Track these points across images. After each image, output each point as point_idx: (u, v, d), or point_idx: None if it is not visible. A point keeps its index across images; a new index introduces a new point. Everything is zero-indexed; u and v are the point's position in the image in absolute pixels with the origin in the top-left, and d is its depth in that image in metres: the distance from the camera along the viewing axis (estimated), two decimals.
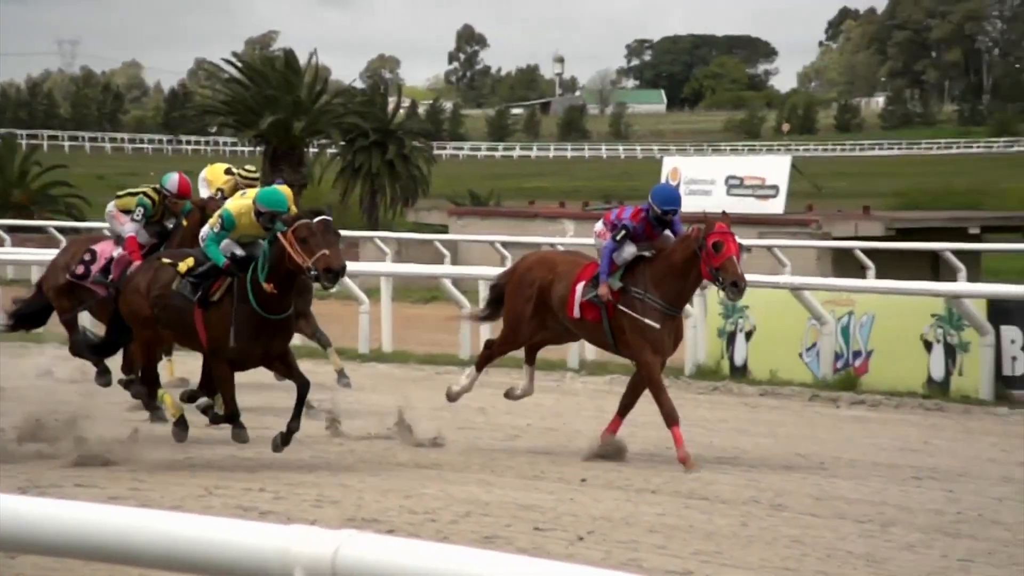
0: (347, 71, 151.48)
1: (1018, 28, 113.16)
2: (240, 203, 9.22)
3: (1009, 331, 12.25)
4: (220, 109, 36.32)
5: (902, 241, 22.90)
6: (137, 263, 10.28)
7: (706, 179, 29.93)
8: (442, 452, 8.84)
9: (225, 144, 70.95)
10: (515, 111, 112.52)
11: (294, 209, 9.20)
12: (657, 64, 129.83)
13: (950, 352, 12.64)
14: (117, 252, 10.81)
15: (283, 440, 8.98)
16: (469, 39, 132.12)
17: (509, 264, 24.14)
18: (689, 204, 31.62)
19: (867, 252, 20.68)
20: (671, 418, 9.23)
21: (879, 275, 19.00)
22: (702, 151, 70.18)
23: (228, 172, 11.86)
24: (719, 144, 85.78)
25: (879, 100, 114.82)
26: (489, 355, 10.17)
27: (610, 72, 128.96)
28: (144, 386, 9.63)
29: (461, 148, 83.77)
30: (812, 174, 36.39)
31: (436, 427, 9.93)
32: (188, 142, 74.99)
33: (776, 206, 28.03)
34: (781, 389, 12.88)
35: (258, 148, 35.22)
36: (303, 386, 8.98)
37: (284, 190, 11.43)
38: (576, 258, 10.12)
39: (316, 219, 8.67)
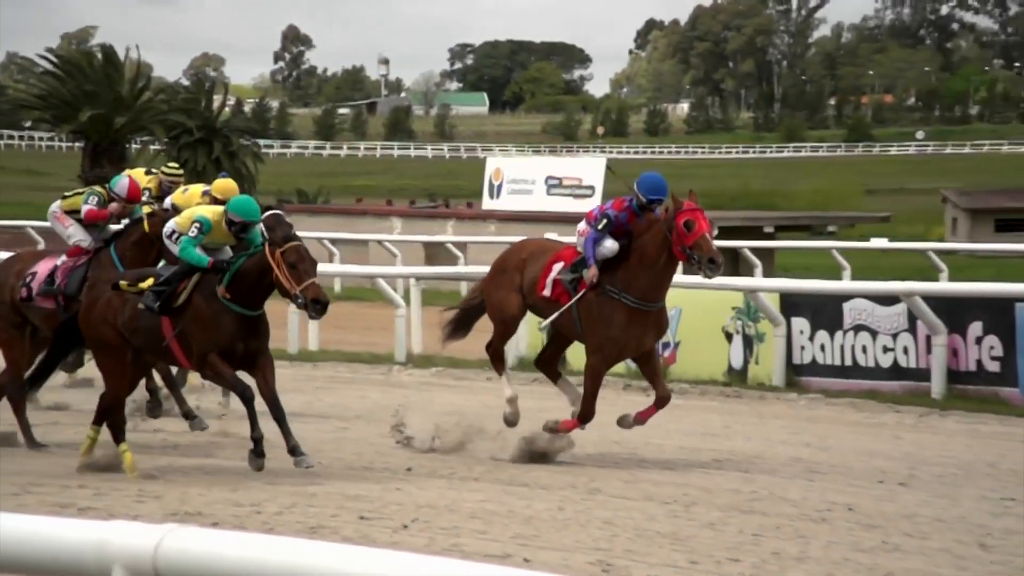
0: (170, 69, 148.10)
1: (802, 42, 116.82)
2: (215, 209, 8.77)
3: (799, 322, 12.58)
4: (35, 104, 35.12)
5: None
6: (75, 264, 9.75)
7: (527, 179, 30.05)
8: (268, 446, 8.66)
9: (42, 139, 68.66)
10: (342, 111, 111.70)
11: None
12: (479, 68, 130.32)
13: (748, 343, 12.92)
14: (60, 259, 10.05)
15: (297, 455, 8.22)
16: (294, 39, 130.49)
17: (337, 259, 24.02)
18: (511, 203, 31.99)
19: None
20: (583, 417, 8.90)
21: (685, 271, 19.34)
22: (523, 152, 70.65)
23: (149, 172, 11.26)
24: (538, 146, 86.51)
25: (684, 106, 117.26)
26: (495, 353, 9.44)
27: (434, 74, 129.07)
28: (110, 424, 8.60)
29: (288, 146, 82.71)
30: (625, 175, 36.84)
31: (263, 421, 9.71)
32: (2, 136, 72.22)
33: (593, 205, 28.24)
34: None
35: (77, 144, 34.18)
36: (277, 409, 8.25)
37: (230, 183, 10.73)
38: (554, 244, 9.55)
39: (294, 244, 8.23)
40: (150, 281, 8.51)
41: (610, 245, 8.85)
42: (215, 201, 10.67)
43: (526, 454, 8.91)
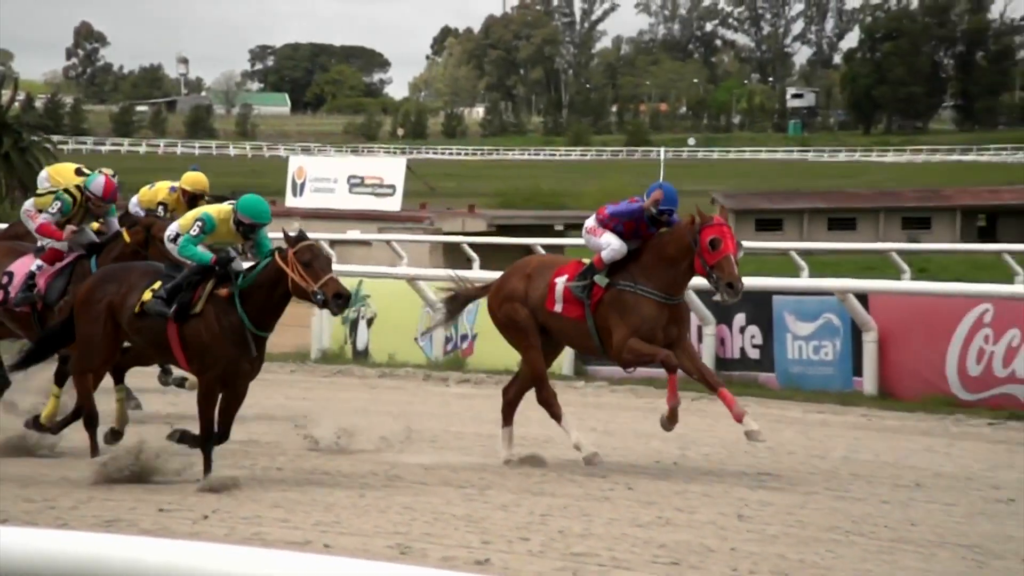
0: None
1: (586, 53, 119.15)
2: (220, 208, 8.11)
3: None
4: None
5: (501, 236, 23.55)
6: (60, 265, 9.05)
7: (330, 178, 29.74)
8: (64, 440, 8.31)
9: None
10: (140, 108, 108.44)
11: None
12: (280, 69, 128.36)
13: None
14: (36, 265, 9.30)
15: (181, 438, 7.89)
16: (87, 36, 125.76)
17: None
18: (314, 201, 31.50)
19: (473, 246, 21.15)
20: (668, 365, 8.10)
21: (483, 267, 19.45)
22: (325, 152, 69.86)
23: (79, 173, 10.23)
24: (340, 145, 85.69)
25: (479, 110, 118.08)
26: (549, 397, 8.54)
27: (235, 74, 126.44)
28: (87, 419, 8.15)
29: (84, 143, 79.71)
30: (424, 175, 36.85)
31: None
32: None
33: (393, 204, 28.19)
34: (398, 370, 12.96)
35: None
36: (222, 437, 7.85)
37: (200, 176, 10.13)
38: (556, 259, 8.84)
39: (307, 243, 7.66)
40: (156, 285, 7.87)
41: (617, 246, 8.25)
42: (185, 194, 10.22)
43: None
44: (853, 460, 8.68)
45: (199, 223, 7.91)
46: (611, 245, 8.26)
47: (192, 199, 10.14)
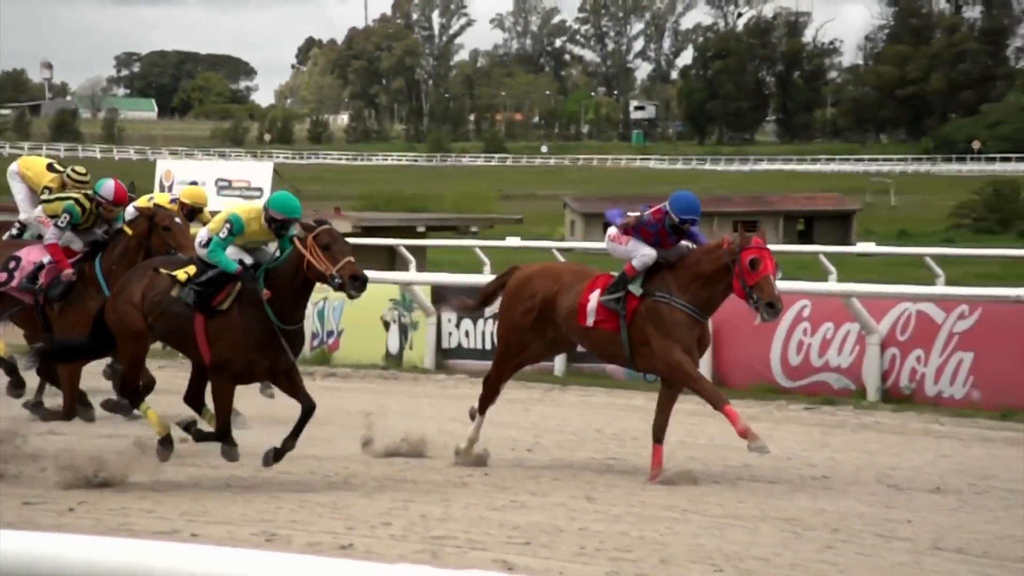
0: None
1: (445, 64, 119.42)
2: (249, 207, 7.67)
3: (447, 312, 12.81)
4: None
5: (366, 237, 23.38)
6: (68, 270, 8.47)
7: (197, 181, 29.07)
8: None
9: None
10: (3, 112, 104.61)
11: None
12: (146, 75, 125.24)
13: (403, 330, 13.04)
14: (47, 258, 8.73)
15: (275, 456, 7.46)
16: None
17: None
18: None
19: None
20: (717, 401, 7.65)
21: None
22: (193, 156, 68.39)
23: (51, 168, 9.63)
24: (208, 149, 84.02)
25: (344, 117, 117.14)
26: (490, 395, 8.24)
27: (101, 80, 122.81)
28: (126, 398, 7.82)
29: None
30: (292, 178, 36.39)
31: None
32: None
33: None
34: None
35: None
36: (308, 409, 7.42)
37: (199, 189, 9.51)
38: (582, 268, 8.26)
39: (326, 227, 7.25)
40: (191, 269, 7.45)
41: (648, 252, 7.73)
42: (183, 207, 9.68)
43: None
44: (690, 444, 8.83)
45: (227, 225, 7.47)
46: (641, 252, 7.74)
47: (191, 212, 9.74)
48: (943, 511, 7.07)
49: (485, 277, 16.25)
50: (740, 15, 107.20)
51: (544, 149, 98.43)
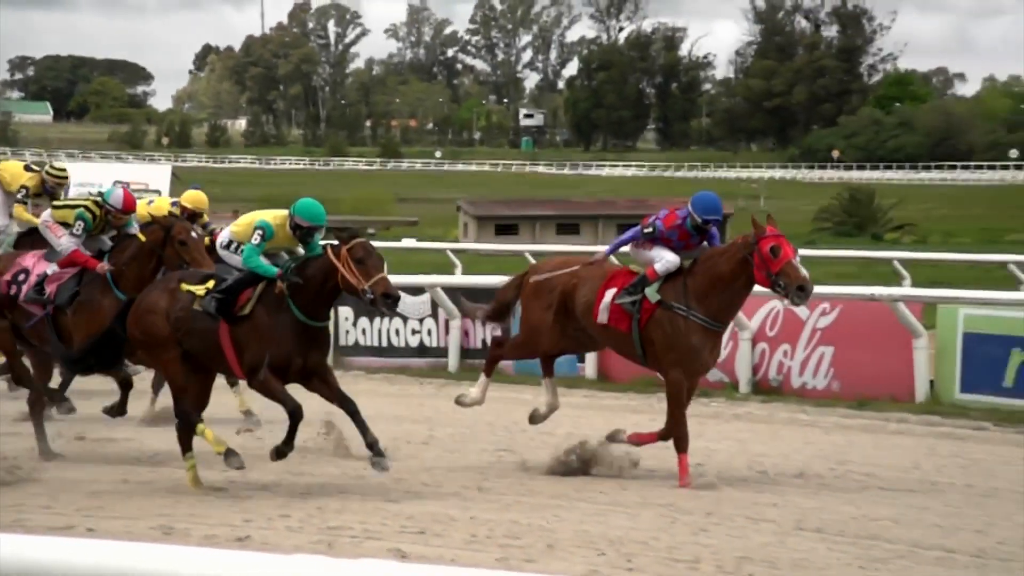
0: None
1: (341, 72, 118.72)
2: (276, 213, 7.34)
3: (344, 311, 12.68)
4: None
5: None
6: (104, 264, 8.08)
7: (95, 183, 28.36)
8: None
9: None
10: None
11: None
12: (40, 79, 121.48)
13: None
14: (51, 268, 8.31)
15: (376, 455, 7.07)
16: None
17: None
18: None
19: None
20: (680, 444, 7.36)
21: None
22: (90, 159, 66.66)
23: (29, 169, 9.06)
24: (106, 152, 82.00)
25: (242, 122, 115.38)
26: (498, 356, 7.96)
27: None
28: (182, 417, 7.31)
29: None
30: (190, 181, 35.69)
31: None
32: None
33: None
34: None
35: None
36: (352, 411, 7.11)
37: (201, 194, 9.07)
38: (602, 263, 7.86)
39: (360, 240, 6.97)
40: (211, 284, 7.14)
41: (671, 258, 7.39)
42: (184, 211, 9.29)
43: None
44: (576, 435, 8.92)
45: (259, 231, 7.19)
46: (664, 258, 7.41)
47: (192, 216, 9.44)
48: (806, 494, 7.26)
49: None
50: (621, 29, 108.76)
51: (438, 154, 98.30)
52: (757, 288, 7.41)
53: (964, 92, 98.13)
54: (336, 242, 7.08)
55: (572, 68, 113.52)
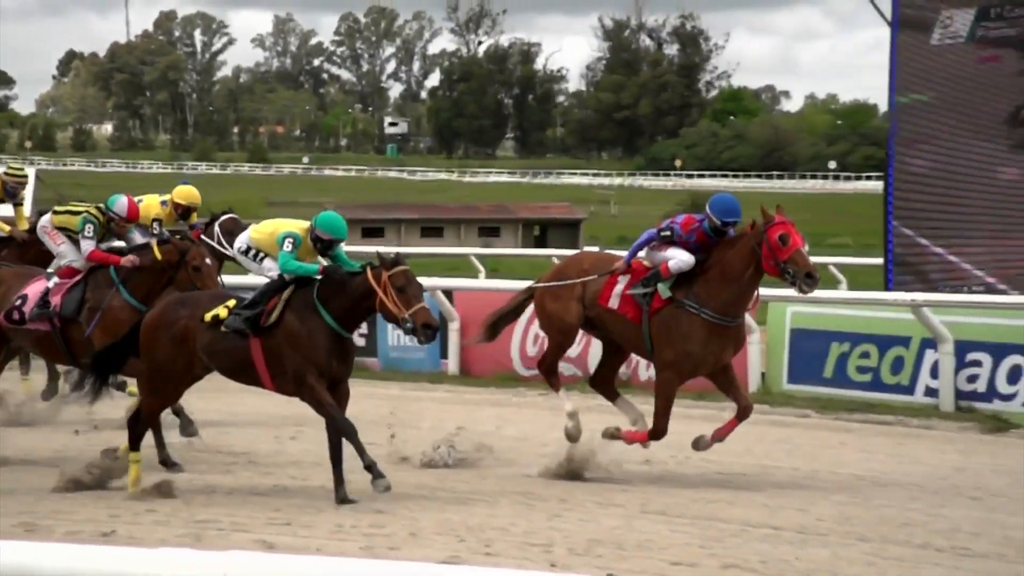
0: None
1: (208, 79, 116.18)
2: (300, 225, 6.98)
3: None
4: None
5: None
6: (131, 257, 7.72)
7: None
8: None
9: None
10: None
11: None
12: None
13: None
14: (52, 282, 7.89)
15: (374, 477, 6.64)
16: None
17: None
18: None
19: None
20: (655, 435, 7.21)
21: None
22: None
23: None
24: None
25: (108, 127, 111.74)
26: (551, 369, 7.54)
27: None
28: (148, 421, 6.91)
29: None
30: (55, 184, 34.39)
31: None
32: None
33: (24, 212, 25.91)
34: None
35: None
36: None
37: (192, 189, 8.64)
38: (614, 257, 7.54)
39: (402, 268, 6.64)
40: (231, 303, 6.74)
41: (685, 258, 7.09)
42: (178, 208, 8.81)
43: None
44: (440, 428, 8.93)
45: (289, 240, 6.86)
46: (678, 256, 7.12)
47: (185, 212, 9.00)
48: (651, 480, 7.44)
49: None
50: (480, 43, 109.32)
51: (306, 160, 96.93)
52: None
53: (789, 108, 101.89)
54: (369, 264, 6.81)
55: (434, 79, 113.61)
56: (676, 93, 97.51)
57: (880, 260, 14.33)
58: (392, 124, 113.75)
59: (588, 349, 11.32)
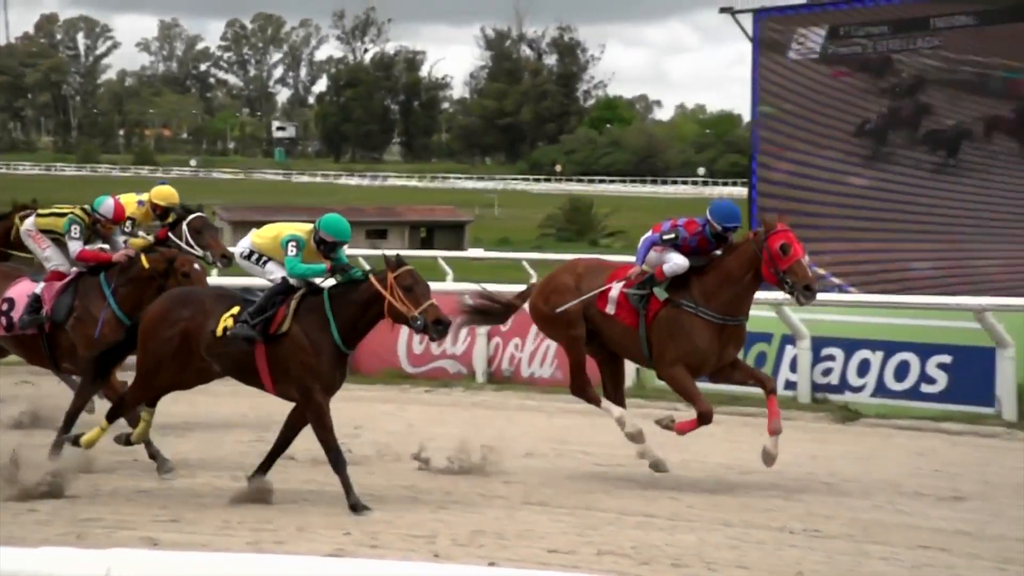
0: None
1: (92, 82, 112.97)
2: (303, 227, 6.74)
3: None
4: None
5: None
6: (121, 253, 7.49)
7: None
8: None
9: None
10: None
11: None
12: None
13: None
14: (39, 287, 7.61)
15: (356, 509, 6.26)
16: None
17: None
18: None
19: None
20: (702, 419, 6.86)
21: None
22: None
23: None
24: None
25: None
26: (582, 388, 7.24)
27: None
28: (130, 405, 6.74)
29: None
30: None
31: None
32: None
33: None
34: None
35: None
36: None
37: (171, 189, 8.25)
38: (608, 263, 7.35)
39: (408, 268, 6.38)
40: (235, 310, 6.49)
41: (680, 261, 6.92)
42: (156, 208, 8.36)
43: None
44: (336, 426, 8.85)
45: (293, 243, 6.64)
46: (673, 260, 6.96)
47: (163, 213, 8.53)
48: (532, 472, 7.50)
49: None
50: (367, 51, 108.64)
51: (193, 163, 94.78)
52: (493, 288, 7.49)
53: (661, 117, 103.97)
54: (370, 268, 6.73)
55: (322, 85, 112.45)
56: (556, 101, 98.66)
57: None
58: (280, 128, 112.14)
59: (472, 347, 11.36)
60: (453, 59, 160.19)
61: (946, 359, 9.53)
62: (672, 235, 6.96)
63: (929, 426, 6.33)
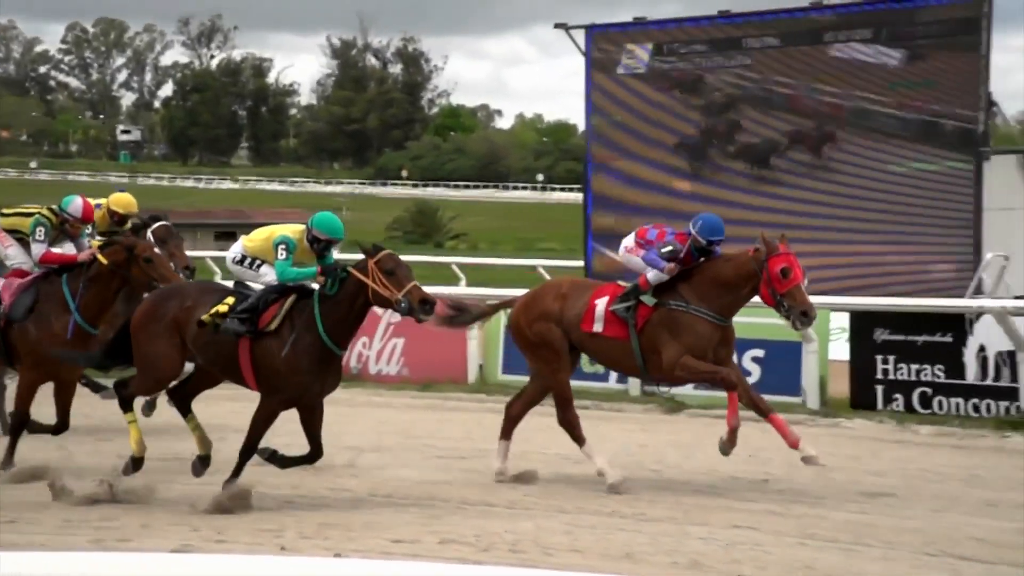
0: None
1: None
2: (295, 228, 6.52)
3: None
4: None
5: None
6: (88, 251, 7.06)
7: None
8: None
9: None
10: None
11: None
12: None
13: None
14: (1, 282, 7.20)
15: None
16: None
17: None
18: None
19: None
20: (727, 385, 6.48)
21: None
22: None
23: None
24: None
25: None
26: (572, 419, 6.83)
27: None
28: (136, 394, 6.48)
29: None
30: None
31: None
32: None
33: None
34: None
35: None
36: (313, 456, 6.37)
37: (129, 197, 7.77)
38: (591, 282, 7.05)
39: (387, 252, 6.14)
40: (230, 301, 6.21)
41: (654, 276, 6.70)
42: (114, 216, 7.80)
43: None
44: (219, 426, 8.56)
45: (283, 246, 6.39)
46: (656, 267, 6.75)
47: (121, 220, 7.94)
48: (380, 465, 7.43)
49: None
50: (213, 56, 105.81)
51: (33, 165, 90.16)
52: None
53: (502, 125, 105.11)
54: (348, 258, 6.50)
55: (167, 89, 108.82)
56: (401, 109, 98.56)
57: (581, 263, 15.10)
58: (125, 132, 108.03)
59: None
60: (300, 67, 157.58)
61: (759, 353, 9.97)
62: (669, 248, 6.80)
63: (744, 415, 6.61)
